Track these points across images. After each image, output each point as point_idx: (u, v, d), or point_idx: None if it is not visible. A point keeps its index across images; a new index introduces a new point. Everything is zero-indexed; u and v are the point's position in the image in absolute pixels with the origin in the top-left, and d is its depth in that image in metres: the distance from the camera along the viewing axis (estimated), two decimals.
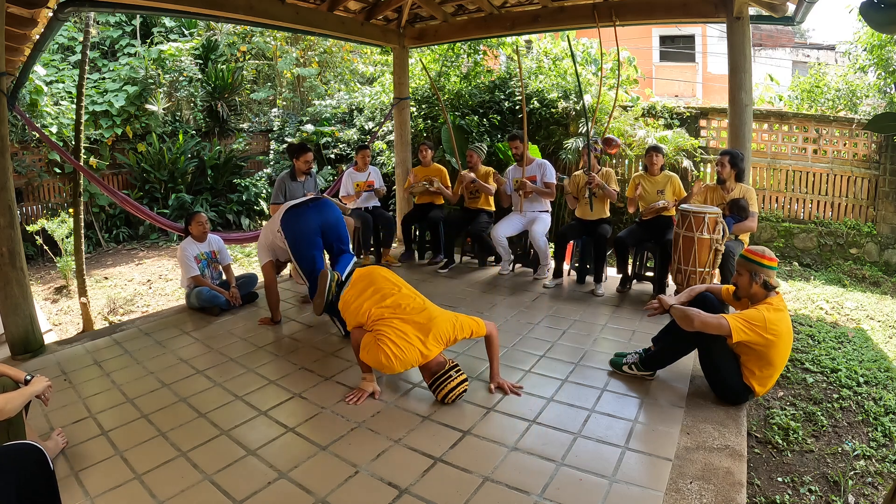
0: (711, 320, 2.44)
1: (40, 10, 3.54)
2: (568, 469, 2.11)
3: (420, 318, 2.62)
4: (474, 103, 7.85)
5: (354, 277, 2.92)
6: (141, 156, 9.61)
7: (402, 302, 2.69)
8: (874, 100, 7.88)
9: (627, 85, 7.99)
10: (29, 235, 7.71)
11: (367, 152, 5.40)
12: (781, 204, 7.18)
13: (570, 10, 5.09)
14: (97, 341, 3.65)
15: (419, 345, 2.54)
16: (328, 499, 1.98)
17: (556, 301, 4.24)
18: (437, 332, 2.58)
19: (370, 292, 2.76)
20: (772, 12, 4.19)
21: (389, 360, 2.48)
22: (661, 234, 4.18)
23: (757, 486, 2.45)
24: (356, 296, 2.79)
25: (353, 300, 2.78)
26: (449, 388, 2.57)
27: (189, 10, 4.21)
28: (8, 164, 3.32)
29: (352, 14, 5.62)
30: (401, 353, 2.50)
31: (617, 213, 6.84)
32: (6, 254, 3.29)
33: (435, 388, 2.61)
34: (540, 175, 4.76)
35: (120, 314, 6.33)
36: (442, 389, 2.58)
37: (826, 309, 5.11)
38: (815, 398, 3.21)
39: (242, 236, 6.34)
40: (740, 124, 4.27)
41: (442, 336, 2.59)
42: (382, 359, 2.49)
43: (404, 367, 2.57)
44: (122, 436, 2.42)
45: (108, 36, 10.79)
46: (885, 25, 1.14)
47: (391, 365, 2.50)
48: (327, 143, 10.07)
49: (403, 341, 2.52)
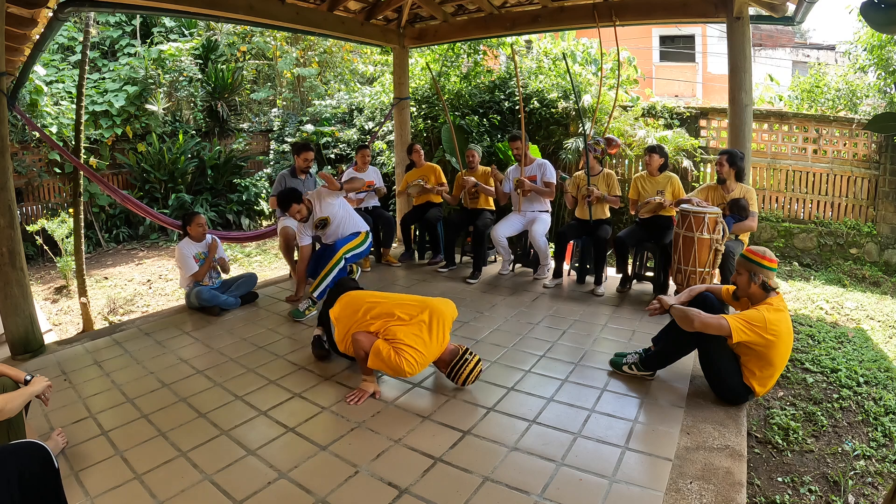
0: (711, 320, 2.44)
1: (40, 10, 3.54)
2: (568, 469, 2.11)
3: (424, 317, 2.68)
4: (474, 103, 7.85)
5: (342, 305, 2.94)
6: (141, 156, 9.61)
7: (395, 311, 2.74)
8: (874, 100, 7.88)
9: (627, 85, 7.99)
10: (29, 235, 7.72)
11: (366, 152, 5.40)
12: (781, 204, 7.18)
13: (570, 10, 5.09)
14: (97, 341, 3.65)
15: (436, 339, 2.64)
16: (328, 499, 1.98)
17: (556, 301, 4.24)
18: (441, 318, 2.69)
19: (362, 312, 2.80)
20: (772, 12, 4.19)
21: (412, 366, 2.55)
22: (661, 234, 4.18)
23: (757, 486, 2.45)
24: (350, 316, 2.84)
25: (349, 319, 2.84)
26: (467, 371, 2.68)
27: (189, 10, 4.21)
28: (8, 164, 3.32)
29: (352, 14, 5.62)
30: (421, 357, 2.57)
31: (617, 214, 6.84)
32: (6, 254, 3.29)
33: (454, 376, 2.69)
34: (540, 175, 4.76)
35: (120, 314, 6.33)
36: (460, 375, 2.68)
37: (826, 309, 5.11)
38: (815, 398, 3.21)
39: (242, 236, 6.35)
40: (740, 124, 4.27)
41: (446, 319, 2.70)
42: (405, 367, 2.53)
43: (423, 367, 2.63)
44: (122, 436, 2.42)
45: (108, 36, 10.79)
46: (885, 25, 1.14)
47: (413, 371, 2.57)
48: (327, 143, 10.07)
49: (420, 341, 2.58)
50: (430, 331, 2.65)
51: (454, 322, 3.74)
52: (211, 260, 4.19)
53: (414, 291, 4.46)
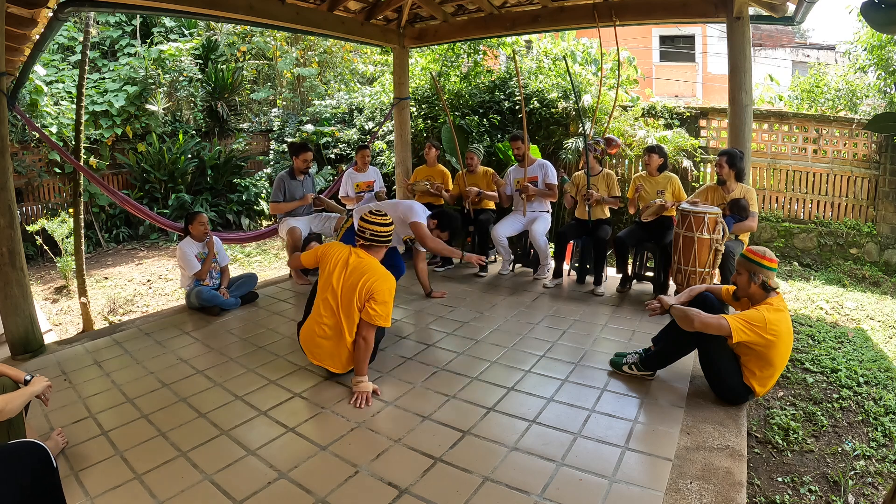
0: (711, 320, 2.44)
1: (40, 10, 3.53)
2: (568, 469, 2.11)
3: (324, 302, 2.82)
4: (474, 103, 7.85)
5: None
6: (141, 156, 9.61)
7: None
8: (874, 100, 7.88)
9: (627, 85, 7.99)
10: (29, 235, 7.71)
11: (366, 152, 5.39)
12: (781, 204, 7.18)
13: (570, 10, 5.09)
14: (97, 341, 3.65)
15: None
16: (328, 499, 1.98)
17: (556, 301, 4.24)
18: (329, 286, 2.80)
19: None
20: (772, 12, 4.18)
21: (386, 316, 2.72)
22: (661, 234, 4.18)
23: (757, 486, 2.45)
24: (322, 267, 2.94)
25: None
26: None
27: (189, 10, 4.20)
28: (8, 164, 3.32)
29: (352, 14, 5.62)
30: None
31: (617, 214, 6.84)
32: (6, 254, 3.29)
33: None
34: (542, 176, 4.76)
35: (120, 314, 6.33)
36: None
37: (826, 309, 5.11)
38: (815, 398, 3.21)
39: (242, 236, 6.34)
40: (740, 124, 4.27)
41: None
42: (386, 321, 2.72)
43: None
44: (122, 436, 2.42)
45: (108, 36, 10.78)
46: (885, 25, 1.14)
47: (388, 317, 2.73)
48: (327, 143, 10.07)
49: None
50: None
51: (454, 322, 3.77)
52: (211, 259, 4.19)
53: (413, 291, 4.47)
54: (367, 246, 2.84)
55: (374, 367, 3.04)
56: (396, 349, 3.35)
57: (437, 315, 3.94)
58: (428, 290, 4.32)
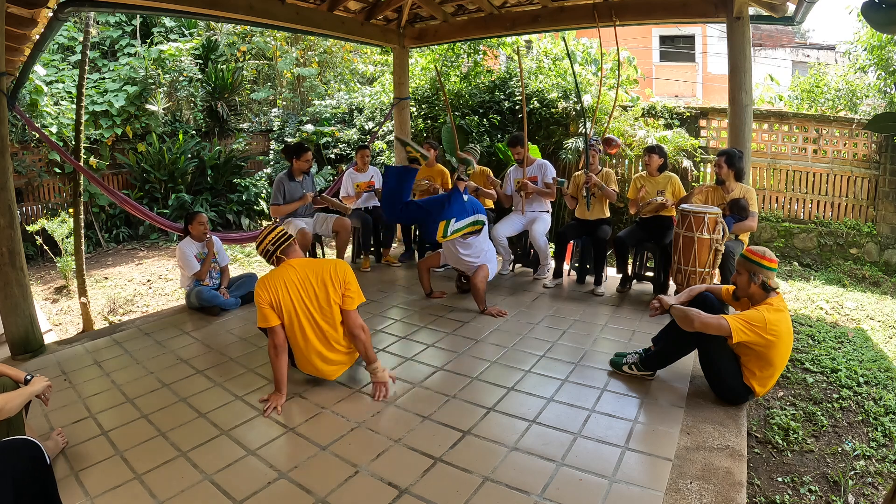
0: (711, 321, 2.44)
1: (40, 10, 3.54)
2: (568, 469, 2.11)
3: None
4: (474, 103, 7.85)
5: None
6: (141, 156, 9.61)
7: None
8: (874, 100, 7.88)
9: (627, 85, 7.99)
10: (29, 235, 7.71)
11: (366, 152, 5.39)
12: (781, 204, 7.18)
13: (570, 10, 5.09)
14: (97, 341, 3.65)
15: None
16: (328, 499, 1.98)
17: (556, 301, 4.24)
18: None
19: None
20: (772, 12, 4.19)
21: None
22: (661, 234, 4.18)
23: (757, 486, 2.45)
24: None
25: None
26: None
27: (189, 10, 4.21)
28: (8, 164, 3.32)
29: (352, 14, 5.62)
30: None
31: (617, 214, 6.84)
32: (6, 254, 3.29)
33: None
34: (541, 176, 4.76)
35: (120, 314, 6.33)
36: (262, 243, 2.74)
37: (826, 309, 5.11)
38: (815, 398, 3.21)
39: (242, 236, 6.34)
40: (740, 124, 4.27)
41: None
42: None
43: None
44: (122, 436, 2.42)
45: (108, 36, 10.78)
46: (885, 25, 1.14)
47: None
48: (327, 143, 10.08)
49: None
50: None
51: (454, 322, 3.77)
52: (210, 259, 4.19)
53: (413, 291, 4.47)
54: (284, 257, 2.72)
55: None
56: (396, 349, 3.35)
57: (437, 315, 3.94)
58: (428, 291, 4.33)
